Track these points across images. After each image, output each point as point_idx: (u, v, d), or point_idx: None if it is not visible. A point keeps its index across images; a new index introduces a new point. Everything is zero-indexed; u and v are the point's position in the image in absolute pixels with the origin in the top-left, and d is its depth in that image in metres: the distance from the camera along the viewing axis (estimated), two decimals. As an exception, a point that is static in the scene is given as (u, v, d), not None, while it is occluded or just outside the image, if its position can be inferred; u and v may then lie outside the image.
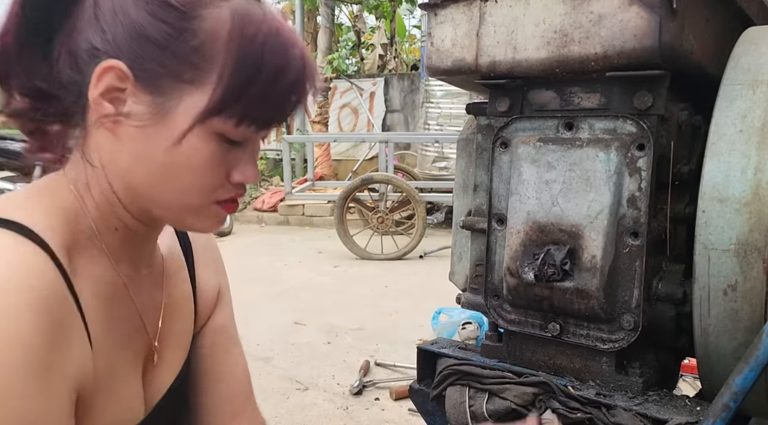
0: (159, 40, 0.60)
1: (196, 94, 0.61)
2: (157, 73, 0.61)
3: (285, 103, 0.64)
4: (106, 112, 0.62)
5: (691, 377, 2.60)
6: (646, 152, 0.78)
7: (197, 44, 0.61)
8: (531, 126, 0.87)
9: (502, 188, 0.89)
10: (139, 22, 0.60)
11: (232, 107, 0.62)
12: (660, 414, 0.78)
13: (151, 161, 0.63)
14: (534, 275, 0.81)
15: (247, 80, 0.61)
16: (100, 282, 0.67)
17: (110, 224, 0.68)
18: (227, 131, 0.63)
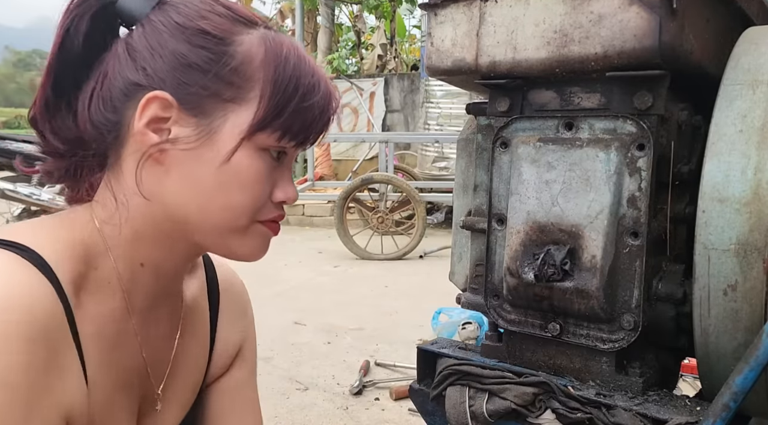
0: (200, 65, 0.64)
1: (240, 111, 0.65)
2: (200, 96, 0.64)
3: (319, 119, 0.68)
4: (152, 141, 0.64)
5: (691, 377, 2.60)
6: (646, 152, 0.78)
7: (236, 65, 0.64)
8: (531, 126, 0.87)
9: (502, 188, 0.89)
10: (179, 52, 0.64)
11: (274, 121, 0.65)
12: (660, 414, 0.78)
13: (201, 182, 0.65)
14: (534, 275, 0.81)
15: (286, 97, 0.65)
16: (106, 322, 0.67)
17: (137, 259, 0.69)
18: (271, 144, 0.66)
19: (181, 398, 0.79)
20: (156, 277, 0.71)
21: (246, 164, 0.65)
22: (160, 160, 0.65)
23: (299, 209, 8.42)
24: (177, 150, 0.64)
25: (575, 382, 0.86)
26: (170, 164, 0.65)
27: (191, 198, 0.66)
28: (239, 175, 0.65)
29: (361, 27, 12.78)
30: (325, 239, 6.98)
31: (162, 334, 0.75)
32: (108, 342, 0.67)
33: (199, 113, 0.64)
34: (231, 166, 0.65)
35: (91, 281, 0.65)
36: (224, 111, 0.65)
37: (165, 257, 0.70)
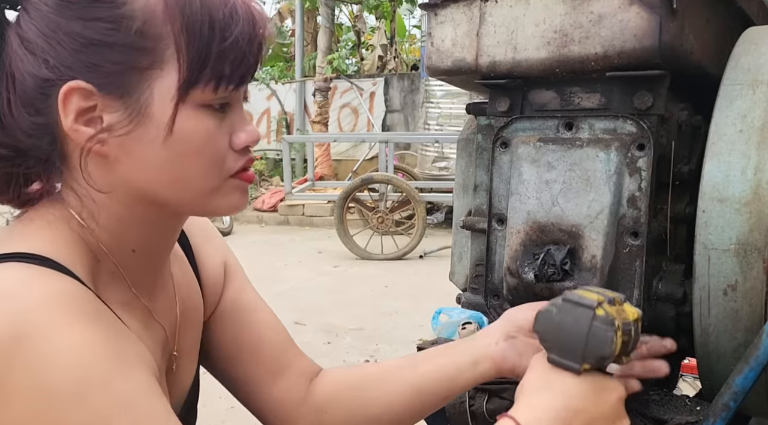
0: (101, 39, 0.58)
1: (163, 76, 0.60)
2: (115, 73, 0.59)
3: (248, 51, 0.62)
4: (88, 135, 0.60)
5: (691, 377, 2.59)
6: (646, 152, 0.78)
7: (140, 27, 0.59)
8: (531, 126, 0.87)
9: (502, 188, 0.89)
10: (74, 32, 0.58)
11: (202, 73, 0.60)
12: (660, 414, 0.78)
13: (153, 161, 0.62)
14: (534, 275, 0.81)
15: (204, 42, 0.59)
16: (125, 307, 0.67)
17: (127, 246, 0.67)
18: (209, 98, 0.61)
19: (191, 352, 0.80)
20: (150, 259, 0.70)
21: (191, 128, 0.61)
22: (104, 151, 0.61)
23: (299, 209, 8.43)
24: (117, 137, 0.60)
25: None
26: (116, 153, 0.61)
27: (150, 179, 0.63)
28: (188, 142, 0.61)
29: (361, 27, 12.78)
30: (325, 239, 6.98)
31: (166, 300, 0.75)
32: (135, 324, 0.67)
33: (123, 93, 0.60)
34: (176, 136, 0.61)
35: (100, 273, 0.65)
36: (147, 81, 0.60)
37: (152, 237, 0.68)
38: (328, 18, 9.47)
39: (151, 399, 0.56)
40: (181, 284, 0.79)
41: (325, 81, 9.34)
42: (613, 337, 0.60)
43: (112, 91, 0.59)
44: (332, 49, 9.82)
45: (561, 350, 0.63)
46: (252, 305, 0.88)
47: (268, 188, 9.80)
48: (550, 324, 0.64)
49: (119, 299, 0.66)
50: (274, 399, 0.85)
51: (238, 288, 0.88)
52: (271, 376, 0.85)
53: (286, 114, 11.06)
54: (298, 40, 11.05)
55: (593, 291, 0.65)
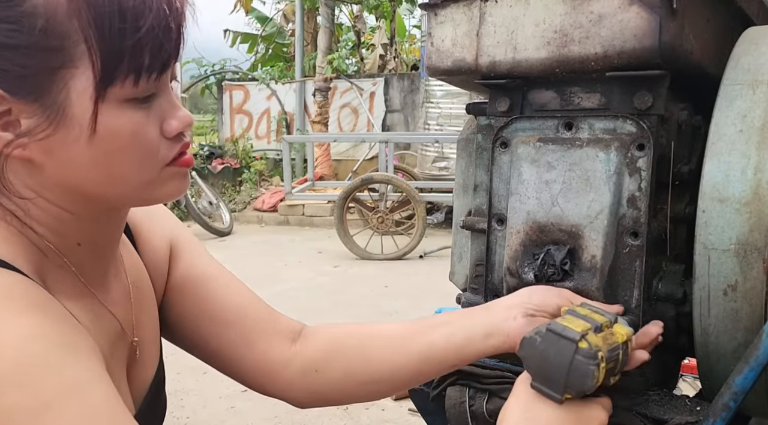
0: (5, 42, 0.54)
1: (78, 74, 0.56)
2: (26, 77, 0.55)
3: (165, 37, 0.58)
4: (6, 140, 0.57)
5: (691, 377, 2.60)
6: (646, 152, 0.78)
7: (43, 25, 0.54)
8: (531, 126, 0.87)
9: (502, 188, 0.89)
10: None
11: (119, 68, 0.56)
12: (660, 414, 0.78)
13: (80, 163, 0.59)
14: (534, 275, 0.81)
15: (117, 35, 0.55)
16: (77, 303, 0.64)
17: (71, 240, 0.65)
18: (131, 92, 0.58)
19: (151, 333, 0.78)
20: (95, 250, 0.68)
21: (116, 126, 0.58)
22: (26, 155, 0.58)
23: (299, 209, 8.43)
24: (37, 141, 0.57)
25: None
26: (40, 156, 0.58)
27: (81, 178, 0.60)
28: (115, 139, 0.58)
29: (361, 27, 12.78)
30: (325, 239, 6.98)
31: (119, 287, 0.73)
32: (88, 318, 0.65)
33: (37, 97, 0.56)
34: (101, 135, 0.57)
35: (47, 267, 0.63)
36: (62, 81, 0.56)
37: (96, 231, 0.66)
38: (328, 18, 9.47)
39: (100, 386, 0.54)
40: (130, 267, 0.76)
41: (325, 81, 9.34)
42: (594, 371, 0.61)
43: (25, 96, 0.56)
44: (332, 49, 9.83)
45: (544, 378, 0.64)
46: (206, 274, 0.84)
47: (268, 188, 9.81)
48: (534, 351, 0.65)
49: (69, 292, 0.64)
50: (253, 363, 0.82)
51: (187, 262, 0.84)
52: (244, 341, 0.82)
53: (286, 114, 11.06)
54: (298, 40, 11.05)
55: (580, 317, 0.66)
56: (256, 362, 0.82)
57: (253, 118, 11.47)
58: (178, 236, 0.85)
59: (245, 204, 9.41)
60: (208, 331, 0.82)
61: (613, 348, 0.65)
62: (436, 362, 0.79)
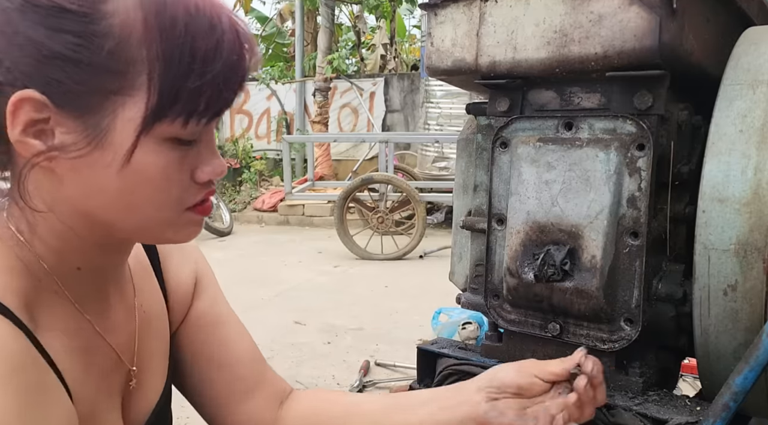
0: (68, 54, 0.52)
1: (130, 103, 0.54)
2: (78, 93, 0.53)
3: (229, 84, 0.57)
4: (36, 150, 0.54)
5: (691, 377, 2.60)
6: (645, 152, 0.78)
7: (113, 47, 0.52)
8: (531, 126, 0.87)
9: (502, 188, 0.89)
10: (38, 41, 0.52)
11: (174, 107, 0.54)
12: (660, 414, 0.78)
13: (104, 189, 0.56)
14: (534, 275, 0.81)
15: (181, 74, 0.53)
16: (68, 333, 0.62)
17: (71, 264, 0.62)
18: (176, 133, 0.56)
19: (156, 363, 0.76)
20: (98, 275, 0.66)
21: (150, 161, 0.55)
22: (52, 167, 0.55)
23: (299, 209, 8.42)
24: (67, 158, 0.55)
25: (575, 382, 0.86)
26: (64, 172, 0.56)
27: (100, 204, 0.57)
28: (146, 174, 0.56)
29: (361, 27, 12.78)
30: (325, 239, 6.98)
31: (122, 312, 0.70)
32: (77, 351, 0.63)
33: (83, 113, 0.54)
34: (134, 167, 0.55)
35: (41, 295, 0.59)
36: (112, 105, 0.54)
37: (98, 256, 0.64)
38: (328, 18, 9.47)
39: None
40: (143, 293, 0.74)
41: (325, 81, 9.33)
42: None
43: (71, 110, 0.54)
44: (332, 49, 9.82)
45: None
46: (223, 318, 0.83)
47: (268, 188, 9.80)
48: None
49: (60, 321, 0.61)
50: (243, 419, 0.81)
51: (209, 300, 0.83)
52: (241, 394, 0.81)
53: (286, 114, 11.06)
54: (298, 40, 11.04)
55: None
56: (246, 417, 0.82)
57: (253, 118, 11.46)
58: (202, 271, 0.84)
59: (245, 204, 9.41)
60: (210, 375, 0.81)
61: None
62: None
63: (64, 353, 0.60)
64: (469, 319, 3.31)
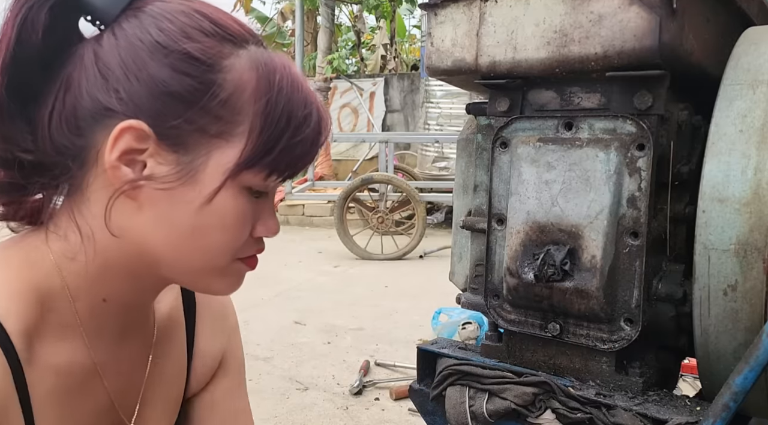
0: (184, 95, 0.56)
1: (226, 148, 0.58)
2: (182, 131, 0.57)
3: (308, 153, 0.62)
4: (126, 178, 0.57)
5: (691, 377, 2.60)
6: (645, 152, 0.78)
7: (225, 97, 0.57)
8: (531, 126, 0.87)
9: (502, 188, 0.89)
10: (160, 78, 0.56)
11: (263, 160, 0.59)
12: (660, 414, 0.78)
13: (178, 224, 0.59)
14: (534, 275, 0.81)
15: (277, 133, 0.59)
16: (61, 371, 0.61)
17: (99, 295, 0.63)
18: (256, 184, 0.60)
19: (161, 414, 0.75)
20: (121, 311, 0.66)
21: (229, 205, 0.59)
22: (133, 195, 0.58)
23: (299, 209, 8.42)
24: (153, 188, 0.58)
25: (575, 382, 0.86)
26: (144, 202, 0.58)
27: (166, 238, 0.60)
28: (221, 217, 0.59)
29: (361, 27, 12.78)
30: (325, 239, 6.98)
31: (132, 362, 0.70)
32: (67, 392, 0.62)
33: (180, 149, 0.57)
34: (212, 207, 0.59)
35: (47, 325, 0.59)
36: (208, 147, 0.58)
37: (131, 292, 0.65)
38: (328, 18, 9.47)
39: None
40: (164, 348, 0.74)
41: (325, 81, 9.33)
42: None
43: (170, 144, 0.57)
44: (332, 49, 9.82)
45: None
46: (239, 411, 0.82)
47: (268, 188, 9.80)
48: None
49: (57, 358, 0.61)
50: None
51: (228, 387, 0.82)
52: None
53: (286, 114, 11.04)
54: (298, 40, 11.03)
55: None
56: None
57: (253, 118, 11.45)
58: (232, 352, 0.84)
59: (245, 204, 9.40)
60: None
61: None
62: None
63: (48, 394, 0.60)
64: (469, 319, 3.31)
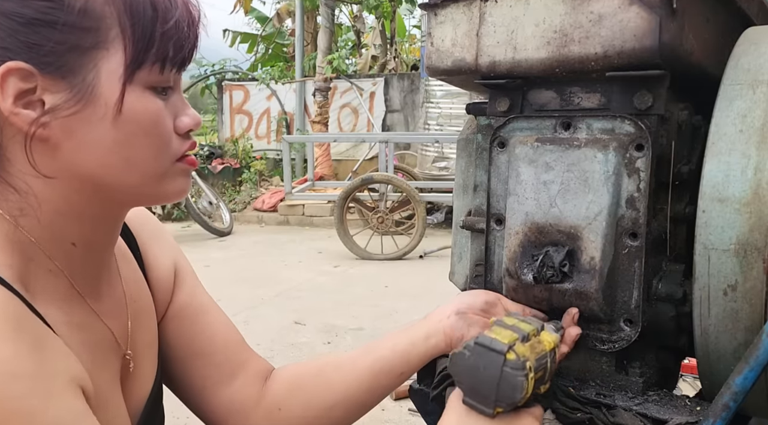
0: (42, 18, 0.56)
1: (109, 56, 0.59)
2: (59, 55, 0.57)
3: (188, 33, 0.63)
4: (31, 118, 0.57)
5: (691, 377, 2.60)
6: (644, 153, 0.78)
7: (82, 5, 0.57)
8: (528, 126, 0.87)
9: (500, 188, 0.89)
10: (12, 11, 0.56)
11: (148, 53, 0.60)
12: (660, 414, 0.78)
13: (102, 143, 0.60)
14: (533, 277, 0.81)
15: (147, 23, 0.59)
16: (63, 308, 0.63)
17: (66, 239, 0.64)
18: (155, 80, 0.61)
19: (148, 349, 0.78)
20: (91, 253, 0.67)
21: (140, 108, 0.60)
22: (45, 135, 0.58)
23: (299, 209, 8.43)
24: (60, 119, 0.58)
25: (575, 382, 0.86)
26: (60, 136, 0.59)
27: (96, 161, 0.60)
28: (137, 123, 0.60)
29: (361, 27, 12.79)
30: (325, 239, 6.98)
31: (113, 299, 0.72)
32: (74, 324, 0.64)
33: (67, 74, 0.58)
34: (126, 116, 0.60)
35: (32, 273, 0.61)
36: (93, 61, 0.58)
37: (93, 230, 0.66)
38: (328, 18, 9.47)
39: None
40: (130, 283, 0.76)
41: (325, 81, 9.34)
42: (523, 382, 0.62)
43: (55, 72, 0.57)
44: (332, 49, 9.82)
45: (474, 393, 0.65)
46: (204, 306, 0.87)
47: (268, 188, 9.81)
48: (463, 367, 0.65)
49: (57, 299, 0.63)
50: (229, 401, 0.84)
51: (190, 290, 0.86)
52: (225, 378, 0.84)
53: (286, 114, 11.07)
54: (298, 40, 11.05)
55: (508, 327, 0.66)
56: (232, 400, 0.84)
57: (253, 118, 11.47)
58: (180, 262, 0.87)
59: (245, 204, 9.41)
60: (195, 362, 0.84)
61: (541, 357, 0.66)
62: (386, 372, 0.83)
63: (62, 324, 0.61)
64: (469, 319, 3.30)
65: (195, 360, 0.84)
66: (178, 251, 0.88)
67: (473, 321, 0.81)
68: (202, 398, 0.84)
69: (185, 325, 0.84)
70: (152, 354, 0.79)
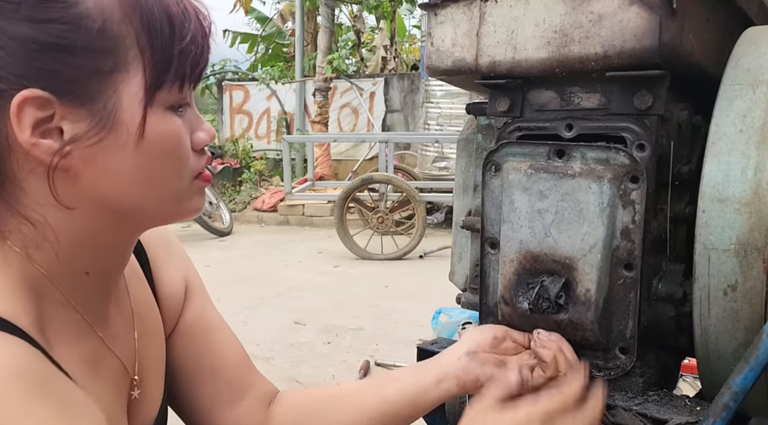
0: (58, 42, 0.53)
1: (129, 79, 0.56)
2: (77, 80, 0.54)
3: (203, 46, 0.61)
4: (52, 149, 0.55)
5: (691, 377, 2.60)
6: (639, 185, 0.76)
7: (100, 26, 0.54)
8: (522, 152, 0.85)
9: (494, 212, 0.88)
10: (25, 37, 0.52)
11: (168, 73, 0.57)
12: (660, 414, 0.78)
13: (124, 169, 0.58)
14: (528, 308, 0.80)
15: (165, 41, 0.57)
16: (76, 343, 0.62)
17: (80, 269, 0.62)
18: (174, 99, 0.59)
19: (156, 372, 0.76)
20: (104, 281, 0.66)
21: (162, 130, 0.58)
22: (65, 165, 0.56)
23: (299, 209, 8.43)
24: (83, 149, 0.55)
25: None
26: (79, 165, 0.56)
27: (118, 189, 0.58)
28: (159, 145, 0.58)
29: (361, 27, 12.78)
30: (325, 239, 6.98)
31: (122, 320, 0.71)
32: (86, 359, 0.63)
33: (87, 100, 0.55)
34: (148, 140, 0.57)
35: (46, 310, 0.59)
36: (113, 85, 0.55)
37: (110, 258, 0.65)
38: (328, 18, 9.47)
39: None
40: (139, 300, 0.75)
41: (325, 81, 9.33)
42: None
43: (75, 100, 0.54)
44: (332, 49, 9.82)
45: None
46: (213, 324, 0.85)
47: (268, 188, 9.80)
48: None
49: (70, 335, 0.62)
50: (233, 422, 0.82)
51: (200, 307, 0.84)
52: (231, 399, 0.82)
53: (286, 114, 11.07)
54: (298, 40, 11.05)
55: None
56: (236, 420, 0.82)
57: (253, 118, 11.47)
58: (191, 277, 0.85)
59: (245, 204, 9.41)
60: (201, 381, 0.82)
61: None
62: (392, 415, 0.80)
63: (75, 364, 0.60)
64: (469, 319, 3.31)
65: (203, 376, 0.82)
66: (189, 266, 0.87)
67: (485, 360, 0.77)
68: (208, 418, 0.82)
69: (194, 341, 0.82)
70: (159, 373, 0.77)
